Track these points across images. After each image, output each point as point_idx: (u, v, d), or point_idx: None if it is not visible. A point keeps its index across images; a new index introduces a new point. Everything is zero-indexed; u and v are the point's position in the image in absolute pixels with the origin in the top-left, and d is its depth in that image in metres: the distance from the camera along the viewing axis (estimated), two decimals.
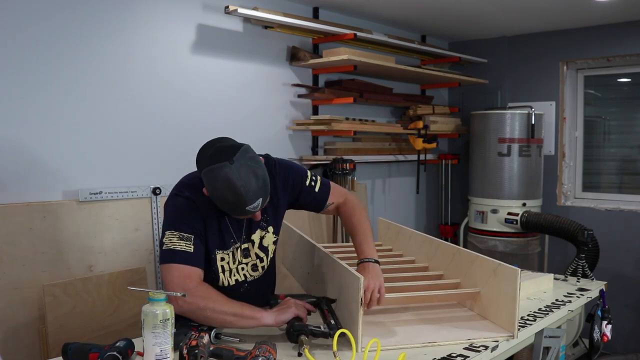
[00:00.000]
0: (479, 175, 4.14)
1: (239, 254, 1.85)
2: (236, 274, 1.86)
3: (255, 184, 1.60)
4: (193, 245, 1.70)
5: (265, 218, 1.88)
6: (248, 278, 1.89)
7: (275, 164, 1.89)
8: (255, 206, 1.62)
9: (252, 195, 1.60)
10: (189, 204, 1.74)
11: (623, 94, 4.32)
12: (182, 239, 1.69)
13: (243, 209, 1.61)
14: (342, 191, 2.05)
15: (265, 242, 1.90)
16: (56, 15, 2.46)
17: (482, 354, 1.60)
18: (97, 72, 2.61)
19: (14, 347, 2.30)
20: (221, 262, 1.82)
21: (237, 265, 1.86)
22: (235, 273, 1.86)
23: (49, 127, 2.47)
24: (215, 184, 1.59)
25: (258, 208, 1.64)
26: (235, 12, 2.96)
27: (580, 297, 2.25)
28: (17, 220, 2.33)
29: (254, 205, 1.62)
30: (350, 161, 3.52)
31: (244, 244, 1.86)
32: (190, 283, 1.66)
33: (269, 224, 1.90)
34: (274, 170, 1.87)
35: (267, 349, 1.46)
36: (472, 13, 3.76)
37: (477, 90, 4.61)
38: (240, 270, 1.87)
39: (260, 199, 1.63)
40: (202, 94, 3.04)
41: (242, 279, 1.87)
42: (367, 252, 1.87)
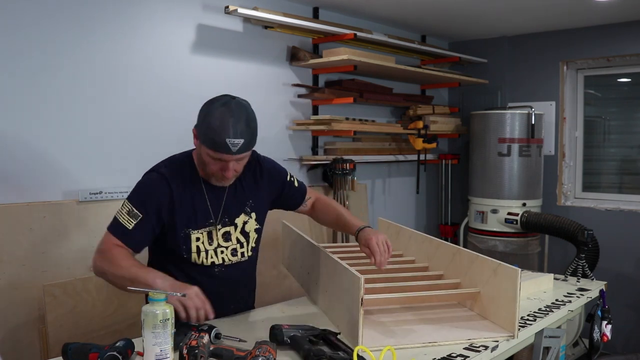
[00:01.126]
0: (479, 175, 4.14)
1: (219, 236, 1.84)
2: (214, 256, 1.85)
3: (246, 125, 1.66)
4: (134, 224, 1.71)
5: (250, 204, 1.89)
6: (226, 262, 1.87)
7: (261, 157, 1.99)
8: (236, 144, 1.64)
9: (238, 130, 1.64)
10: (158, 181, 1.76)
11: (623, 94, 4.32)
12: (129, 214, 1.73)
13: (223, 139, 1.63)
14: (314, 191, 2.17)
15: (247, 228, 1.90)
16: (56, 15, 2.46)
17: (482, 354, 1.60)
18: (97, 72, 2.61)
19: (14, 347, 2.30)
20: (196, 243, 1.81)
21: (216, 248, 1.84)
22: (212, 255, 1.84)
23: (49, 127, 2.47)
24: (209, 108, 1.67)
25: (237, 148, 1.65)
26: (235, 12, 2.96)
27: (580, 297, 2.25)
28: (17, 220, 2.33)
29: (235, 141, 1.63)
30: (350, 161, 3.52)
31: (226, 226, 1.85)
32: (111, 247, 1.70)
33: (253, 210, 1.91)
34: (261, 161, 1.96)
35: (267, 349, 1.46)
36: (472, 13, 3.76)
37: (477, 90, 4.61)
38: (218, 253, 1.85)
39: (243, 141, 1.65)
40: (202, 94, 3.00)
41: (220, 262, 1.86)
42: (358, 223, 1.94)
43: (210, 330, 1.65)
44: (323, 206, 2.10)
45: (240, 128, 1.64)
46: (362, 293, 1.58)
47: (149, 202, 1.74)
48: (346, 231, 2.02)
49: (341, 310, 1.76)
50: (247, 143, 1.68)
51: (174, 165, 1.81)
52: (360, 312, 1.58)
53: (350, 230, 1.96)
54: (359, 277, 1.59)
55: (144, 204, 1.73)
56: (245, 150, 1.69)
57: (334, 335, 1.66)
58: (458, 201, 4.69)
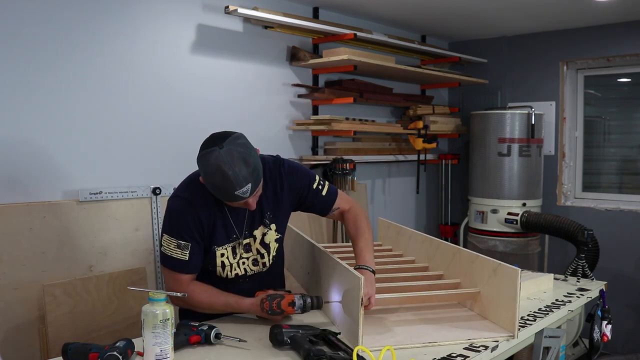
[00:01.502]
0: (479, 175, 4.14)
1: (241, 248, 1.88)
2: (237, 268, 1.89)
3: (245, 169, 1.63)
4: (188, 254, 1.79)
5: (268, 215, 1.90)
6: (248, 272, 1.92)
7: (284, 164, 1.93)
8: (245, 191, 1.64)
9: (241, 179, 1.62)
10: (186, 206, 1.78)
11: (623, 94, 4.32)
12: (179, 247, 1.78)
13: (232, 193, 1.63)
14: (348, 199, 2.08)
15: (267, 239, 1.92)
16: (56, 14, 2.46)
17: (482, 354, 1.60)
18: (97, 72, 2.61)
19: (14, 347, 2.30)
20: (221, 258, 1.86)
21: (238, 260, 1.89)
22: (235, 267, 1.89)
23: (49, 127, 2.47)
24: (206, 168, 1.64)
25: (248, 194, 1.66)
26: (235, 12, 2.96)
27: (580, 297, 2.25)
28: (17, 220, 2.33)
29: (243, 190, 1.63)
30: (350, 161, 3.52)
31: (246, 239, 1.89)
32: (180, 288, 1.81)
33: (272, 221, 1.92)
34: (282, 170, 1.92)
35: None
36: (472, 13, 3.76)
37: (477, 90, 4.61)
38: (240, 265, 1.90)
39: (250, 185, 1.64)
40: (202, 94, 3.04)
41: (242, 272, 1.91)
42: (366, 259, 1.88)
43: (210, 330, 1.65)
44: (348, 223, 2.04)
45: (242, 175, 1.62)
46: (362, 293, 1.58)
47: (187, 229, 1.78)
48: None
49: (341, 310, 1.76)
50: (255, 183, 1.67)
51: (194, 187, 1.80)
52: (360, 312, 1.58)
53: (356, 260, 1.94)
54: (359, 277, 1.59)
55: (186, 232, 1.78)
56: (255, 189, 1.69)
57: (334, 335, 1.66)
58: (458, 201, 4.69)
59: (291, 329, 1.64)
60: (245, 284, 1.92)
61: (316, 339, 1.63)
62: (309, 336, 1.63)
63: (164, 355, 1.47)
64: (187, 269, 1.81)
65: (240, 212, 1.86)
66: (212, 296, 1.83)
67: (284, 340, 1.61)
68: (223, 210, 1.83)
